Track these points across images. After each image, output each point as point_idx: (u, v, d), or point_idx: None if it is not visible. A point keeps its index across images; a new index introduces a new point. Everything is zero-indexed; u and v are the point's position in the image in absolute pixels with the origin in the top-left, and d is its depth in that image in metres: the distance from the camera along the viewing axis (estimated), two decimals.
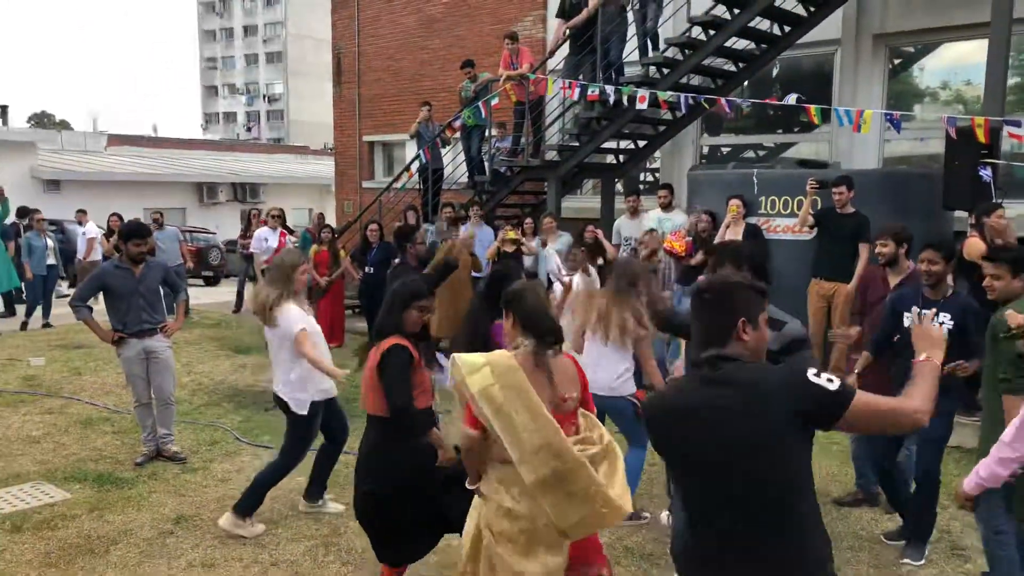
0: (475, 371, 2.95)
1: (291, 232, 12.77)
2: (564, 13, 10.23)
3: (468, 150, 11.85)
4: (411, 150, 13.68)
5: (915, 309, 3.93)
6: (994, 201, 6.75)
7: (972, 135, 6.48)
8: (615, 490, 2.99)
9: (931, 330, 2.39)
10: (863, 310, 5.46)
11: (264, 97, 73.25)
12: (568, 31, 10.03)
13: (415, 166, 12.13)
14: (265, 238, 11.32)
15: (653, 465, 5.45)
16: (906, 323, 4.44)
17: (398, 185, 12.57)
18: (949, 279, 4.54)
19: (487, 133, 11.50)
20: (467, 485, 3.19)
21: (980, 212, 6.17)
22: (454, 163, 12.30)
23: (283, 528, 4.86)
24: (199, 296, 15.26)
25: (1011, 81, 9.38)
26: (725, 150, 11.71)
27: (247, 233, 12.97)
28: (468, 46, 13.38)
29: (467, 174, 11.91)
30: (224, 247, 21.77)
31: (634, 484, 4.96)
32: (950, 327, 4.21)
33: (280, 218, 11.78)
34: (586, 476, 2.92)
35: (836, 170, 8.21)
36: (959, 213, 7.60)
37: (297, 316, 4.67)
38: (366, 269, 10.25)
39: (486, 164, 11.58)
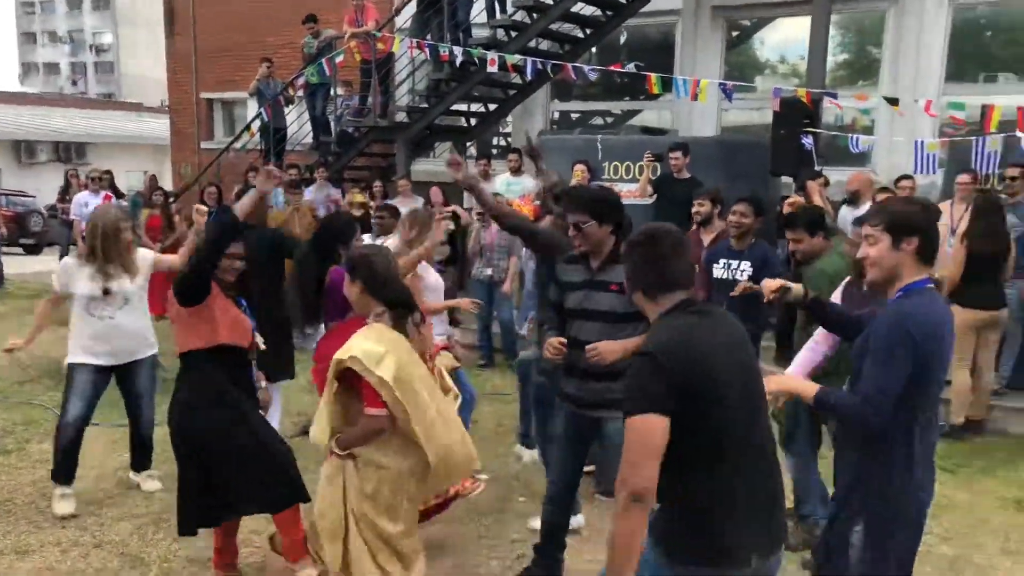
0: (380, 360, 2.89)
1: (119, 195, 11.92)
2: None
3: (312, 109, 11.44)
4: (253, 109, 13.06)
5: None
6: (815, 168, 7.27)
7: (796, 106, 6.89)
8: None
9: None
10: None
11: (91, 47, 67.48)
12: None
13: (256, 125, 11.59)
14: (85, 203, 10.47)
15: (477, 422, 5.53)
16: (715, 274, 4.89)
17: (238, 145, 11.98)
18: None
19: (332, 92, 11.13)
20: (338, 450, 3.04)
21: (804, 178, 6.64)
22: (299, 122, 11.85)
23: (108, 507, 4.57)
24: (18, 266, 14.08)
25: (841, 57, 10.08)
26: (575, 116, 11.91)
27: (66, 197, 11.97)
28: (312, 0, 12.83)
29: (312, 134, 11.51)
30: (46, 212, 20.09)
31: None
32: (749, 272, 4.68)
33: (103, 180, 10.93)
34: (468, 442, 3.22)
35: (674, 137, 8.55)
36: (786, 179, 8.10)
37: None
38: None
39: (332, 124, 11.23)
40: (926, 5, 8.87)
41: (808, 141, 7.17)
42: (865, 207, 6.35)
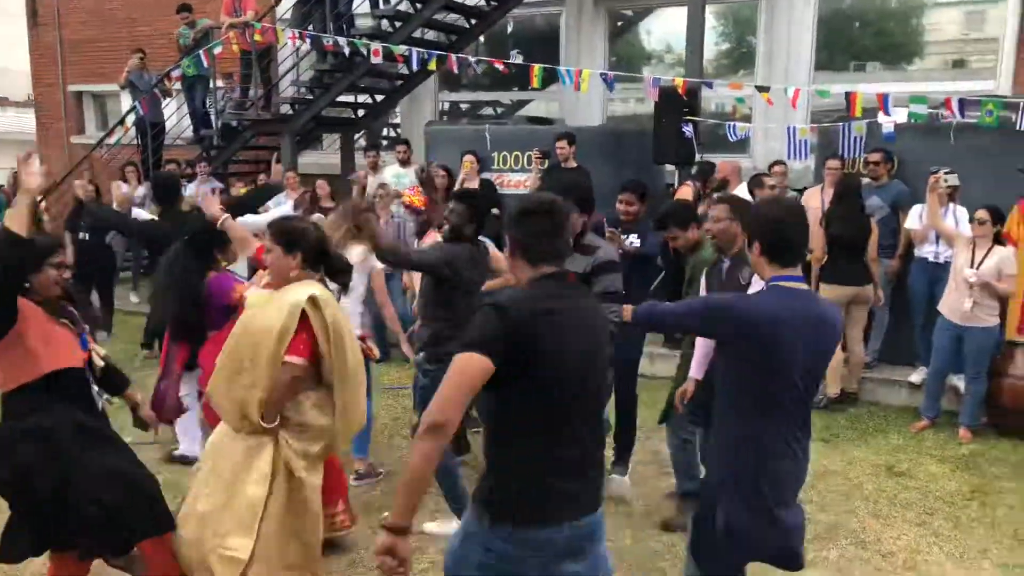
0: (323, 306, 3.15)
1: None
2: None
3: (191, 102, 11.00)
4: (128, 102, 12.44)
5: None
6: (696, 156, 7.51)
7: (675, 96, 7.07)
8: None
9: None
10: None
11: None
12: None
13: (130, 119, 11.04)
14: None
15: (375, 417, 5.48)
16: None
17: (111, 140, 11.39)
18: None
19: (212, 84, 10.73)
20: (266, 424, 3.14)
21: (701, 171, 6.89)
22: (178, 115, 11.36)
23: None
24: None
25: (723, 46, 10.40)
26: (465, 106, 11.88)
27: None
28: None
29: (192, 128, 11.07)
30: None
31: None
32: (637, 243, 4.85)
33: None
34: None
35: (561, 127, 8.64)
36: (669, 167, 8.32)
37: None
38: (80, 236, 9.19)
39: (213, 118, 10.83)
40: None
41: (688, 129, 7.39)
42: (737, 193, 6.60)
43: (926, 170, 6.08)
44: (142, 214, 7.35)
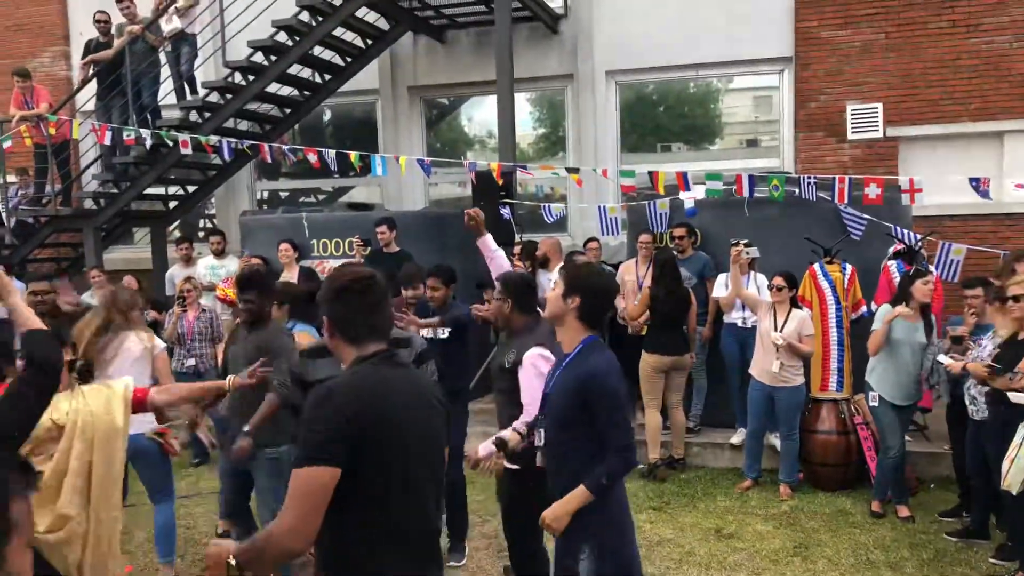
0: None
1: None
2: (90, 54, 9.40)
3: None
4: None
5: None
6: (516, 236, 7.64)
7: (490, 179, 7.22)
8: None
9: None
10: None
11: None
12: (93, 68, 9.14)
13: None
14: None
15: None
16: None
17: None
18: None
19: (2, 180, 9.89)
20: None
21: (525, 250, 7.02)
22: None
23: None
24: None
25: (539, 131, 10.80)
26: (284, 194, 11.61)
27: None
28: None
29: None
30: None
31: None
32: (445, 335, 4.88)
33: None
34: None
35: (380, 212, 8.59)
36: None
37: None
38: None
39: (3, 215, 9.95)
40: (596, 84, 9.81)
41: (506, 211, 7.54)
42: (556, 269, 6.77)
43: (726, 241, 6.49)
44: None
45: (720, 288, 6.77)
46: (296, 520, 1.99)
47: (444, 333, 4.81)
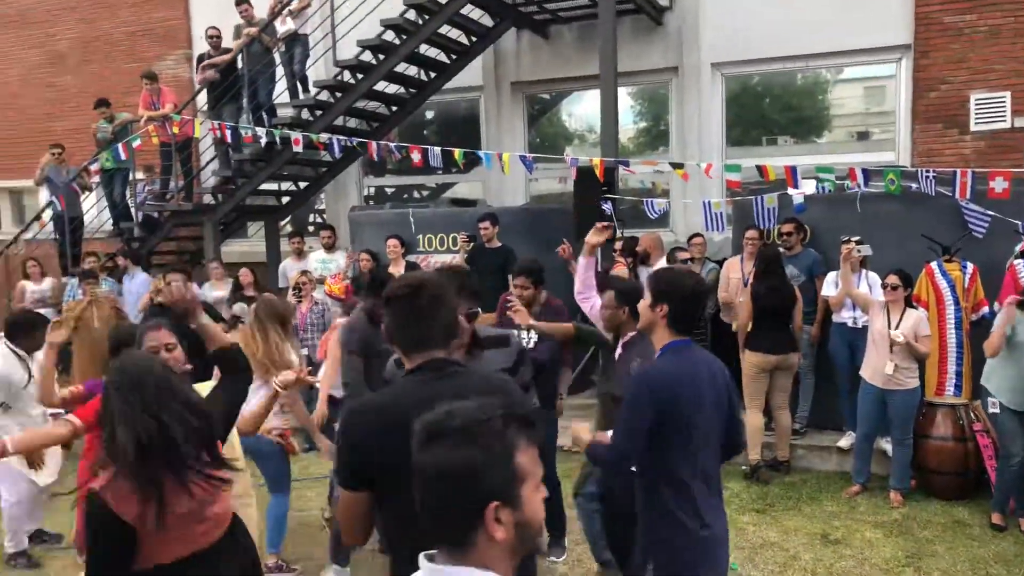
0: None
1: None
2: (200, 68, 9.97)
3: (111, 195, 10.78)
4: (45, 197, 12.13)
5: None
6: (617, 232, 7.62)
7: (592, 175, 7.21)
8: None
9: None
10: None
11: None
12: (213, 71, 9.64)
13: (47, 214, 10.74)
14: None
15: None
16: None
17: (28, 236, 11.05)
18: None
19: (131, 176, 10.56)
20: None
21: (626, 247, 6.98)
22: (97, 208, 11.11)
23: None
24: None
25: (640, 125, 10.73)
26: (390, 190, 11.92)
27: None
28: (106, 84, 12.22)
29: (111, 221, 10.83)
30: None
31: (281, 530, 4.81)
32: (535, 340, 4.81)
33: None
34: None
35: (483, 207, 8.71)
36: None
37: None
38: None
39: (132, 210, 10.62)
40: (702, 77, 9.65)
41: (608, 206, 7.51)
42: (658, 265, 6.70)
43: (837, 238, 6.28)
44: None
45: (829, 286, 6.55)
46: (342, 526, 2.25)
47: (533, 337, 4.81)
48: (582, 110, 10.97)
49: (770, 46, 9.28)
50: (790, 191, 6.88)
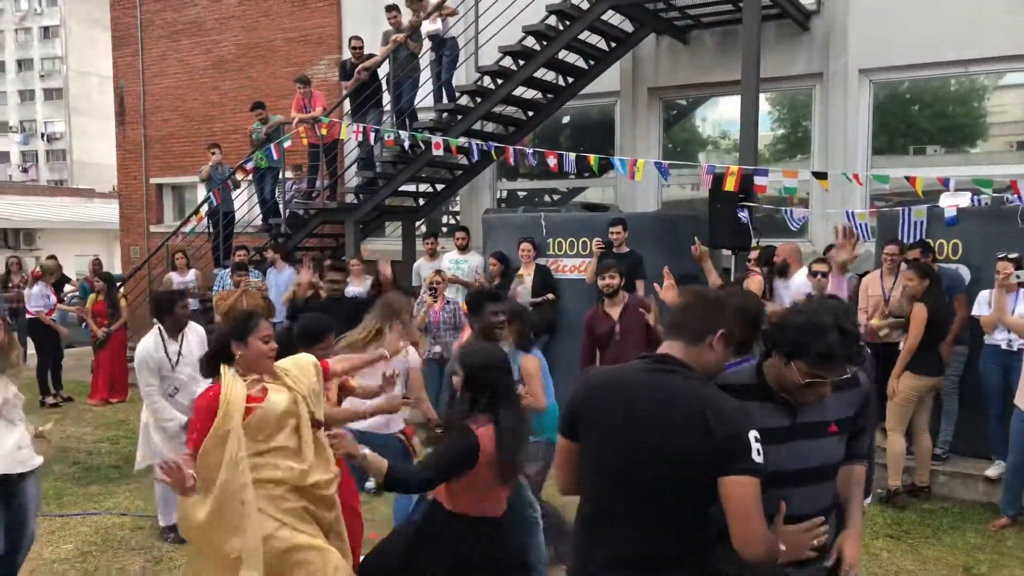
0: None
1: (65, 282, 11.87)
2: (346, 76, 10.45)
3: (261, 192, 11.49)
4: (202, 193, 13.08)
5: None
6: (753, 241, 7.46)
7: (730, 181, 7.10)
8: None
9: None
10: (591, 348, 5.86)
11: (42, 136, 67.24)
12: (365, 73, 10.10)
13: (204, 209, 11.59)
14: (45, 295, 10.40)
15: None
16: None
17: (186, 229, 11.94)
18: None
19: (281, 175, 11.22)
20: None
21: (763, 256, 6.86)
22: (248, 205, 11.88)
23: None
24: None
25: (778, 131, 10.47)
26: (522, 194, 12.13)
27: (7, 284, 11.74)
28: (261, 88, 13.05)
29: (260, 217, 11.54)
30: None
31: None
32: None
33: (55, 273, 11.04)
34: None
35: (615, 213, 8.73)
36: (725, 252, 8.28)
37: None
38: None
39: (281, 207, 11.28)
40: (848, 83, 9.30)
41: (744, 214, 7.37)
42: (796, 276, 6.51)
43: (992, 253, 5.92)
44: None
45: (981, 306, 6.17)
46: (555, 473, 2.64)
47: None
48: (716, 115, 10.80)
49: (925, 52, 8.85)
50: (942, 203, 6.55)
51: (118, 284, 11.20)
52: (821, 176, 6.99)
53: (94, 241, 31.48)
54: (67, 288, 12.74)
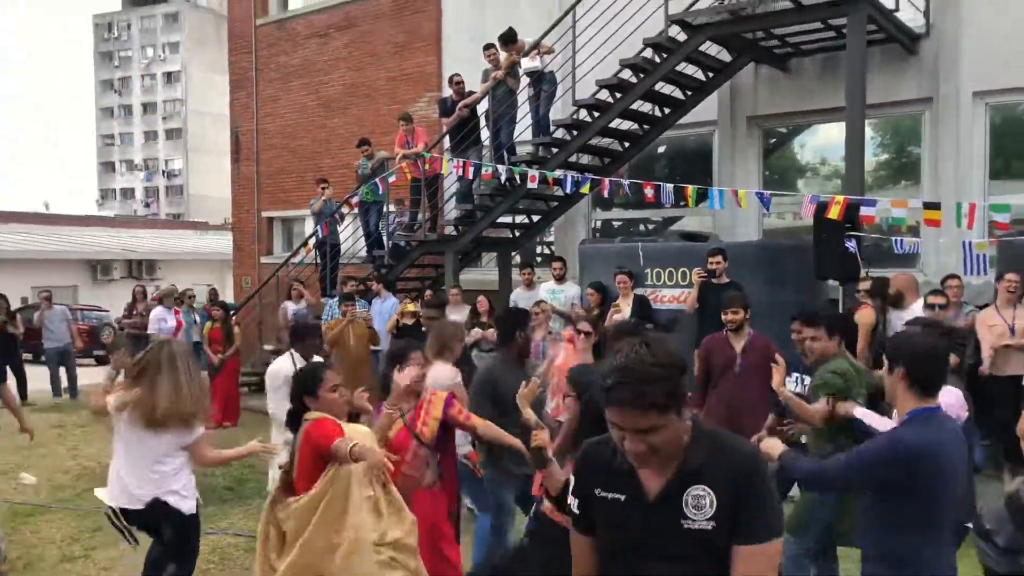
0: None
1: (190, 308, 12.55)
2: (446, 112, 10.73)
3: (366, 225, 11.91)
4: (309, 225, 13.65)
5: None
6: (861, 271, 7.24)
7: (835, 211, 6.91)
8: None
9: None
10: (706, 375, 5.75)
11: (163, 172, 71.66)
12: (466, 110, 10.38)
13: (312, 241, 12.11)
14: (163, 319, 11.06)
15: None
16: (791, 387, 4.74)
17: (296, 260, 12.48)
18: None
19: (384, 209, 11.61)
20: None
21: (875, 288, 6.68)
22: (353, 237, 12.33)
23: None
24: (90, 376, 14.63)
25: (882, 158, 10.16)
26: (617, 223, 12.14)
27: (133, 311, 12.54)
28: (366, 125, 13.57)
29: (365, 249, 11.95)
30: (117, 325, 20.98)
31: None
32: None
33: (176, 297, 11.67)
34: None
35: (715, 242, 8.62)
36: (832, 283, 8.05)
37: None
38: None
39: (384, 239, 11.66)
40: (961, 107, 8.95)
41: (852, 244, 7.14)
42: (912, 308, 6.28)
43: None
44: None
45: None
46: None
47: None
48: (816, 141, 10.57)
49: None
50: None
51: (231, 313, 11.79)
52: (933, 207, 6.71)
53: (208, 271, 33.22)
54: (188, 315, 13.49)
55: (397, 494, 3.56)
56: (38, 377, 12.32)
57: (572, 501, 2.17)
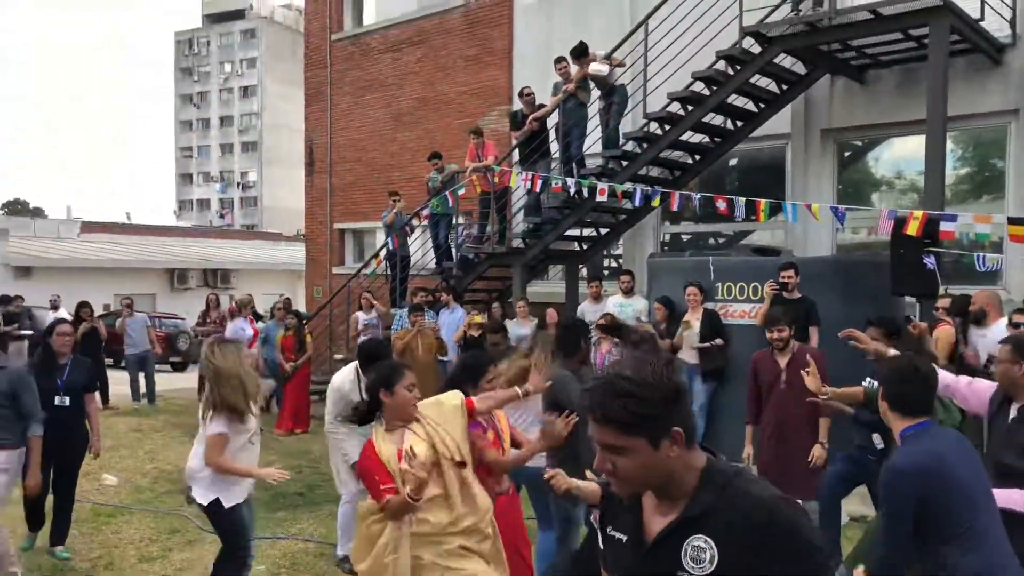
0: None
1: (259, 318, 12.86)
2: (516, 125, 10.80)
3: (436, 237, 12.08)
4: (380, 237, 13.91)
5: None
6: (940, 288, 7.04)
7: (913, 226, 6.75)
8: None
9: None
10: (756, 391, 5.72)
11: (238, 184, 73.94)
12: (536, 123, 10.45)
13: (383, 253, 12.34)
14: (241, 328, 11.40)
15: None
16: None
17: (367, 271, 12.73)
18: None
19: (454, 221, 11.76)
20: None
21: (956, 306, 6.52)
22: (423, 249, 12.52)
23: None
24: (167, 382, 15.20)
25: (962, 171, 9.86)
26: (686, 237, 12.03)
27: (207, 319, 12.95)
28: (436, 138, 13.80)
29: (434, 260, 12.11)
30: (193, 332, 21.68)
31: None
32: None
33: (249, 306, 11.98)
34: None
35: (787, 257, 8.49)
36: (909, 299, 7.84)
37: None
38: None
39: (453, 251, 11.80)
40: None
41: (931, 260, 6.96)
42: (995, 326, 6.08)
43: None
44: None
45: None
46: None
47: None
48: (891, 155, 10.31)
49: None
50: None
51: (304, 322, 12.09)
52: (1018, 222, 6.49)
53: (280, 281, 34.11)
54: (259, 325, 13.88)
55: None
56: (118, 382, 12.82)
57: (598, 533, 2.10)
